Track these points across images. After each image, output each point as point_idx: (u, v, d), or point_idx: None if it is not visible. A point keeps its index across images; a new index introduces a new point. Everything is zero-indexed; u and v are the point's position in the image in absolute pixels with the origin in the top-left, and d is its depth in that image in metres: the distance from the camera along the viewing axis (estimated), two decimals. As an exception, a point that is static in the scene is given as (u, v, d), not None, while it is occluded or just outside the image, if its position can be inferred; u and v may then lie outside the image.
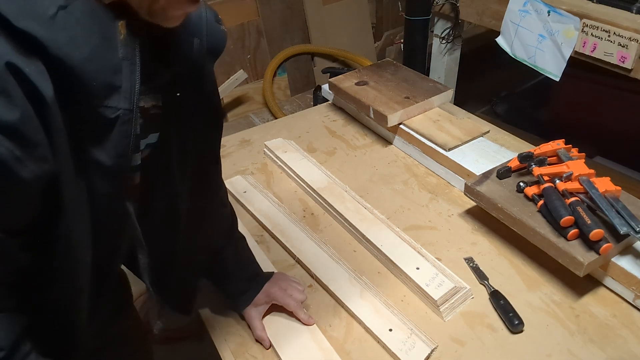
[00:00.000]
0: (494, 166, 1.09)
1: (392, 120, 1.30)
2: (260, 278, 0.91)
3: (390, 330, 0.85)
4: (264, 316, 0.90)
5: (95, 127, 0.54)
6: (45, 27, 0.47)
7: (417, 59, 2.08)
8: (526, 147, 1.24)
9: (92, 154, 0.55)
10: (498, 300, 0.90)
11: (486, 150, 1.22)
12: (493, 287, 0.93)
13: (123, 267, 0.87)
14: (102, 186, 0.58)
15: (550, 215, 0.92)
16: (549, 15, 1.45)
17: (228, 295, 0.92)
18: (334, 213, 1.12)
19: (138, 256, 0.72)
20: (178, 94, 0.65)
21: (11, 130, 0.45)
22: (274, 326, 0.88)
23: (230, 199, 1.19)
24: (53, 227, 0.56)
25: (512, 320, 0.86)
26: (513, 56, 1.62)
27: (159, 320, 0.85)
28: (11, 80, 0.45)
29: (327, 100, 1.59)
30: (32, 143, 0.47)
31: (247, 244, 0.94)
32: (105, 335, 0.82)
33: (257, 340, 0.88)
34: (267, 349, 0.87)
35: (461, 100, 2.12)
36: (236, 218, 0.94)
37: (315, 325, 0.88)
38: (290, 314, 0.90)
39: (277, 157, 1.30)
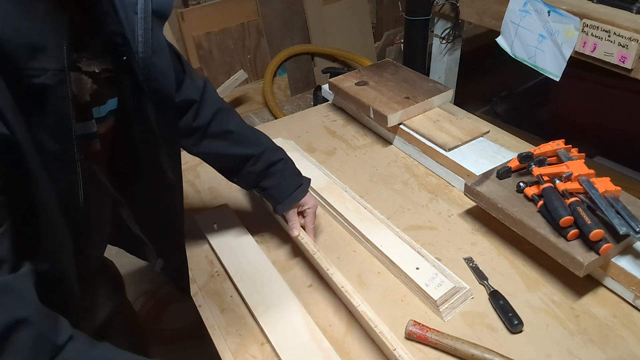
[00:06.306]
0: (494, 166, 1.09)
1: (392, 121, 1.30)
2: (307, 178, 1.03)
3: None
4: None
5: (29, 93, 0.51)
6: None
7: (417, 59, 2.08)
8: (526, 147, 1.24)
9: (34, 120, 0.52)
10: (498, 300, 0.90)
11: (486, 150, 1.22)
12: (493, 287, 0.93)
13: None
14: (52, 148, 0.55)
15: (550, 215, 0.92)
16: (549, 15, 1.45)
17: (279, 193, 0.98)
18: (334, 213, 1.12)
19: (119, 210, 0.75)
20: (125, 58, 0.64)
21: None
22: (274, 326, 0.88)
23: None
24: (24, 190, 0.54)
25: (511, 321, 0.86)
26: (513, 56, 1.62)
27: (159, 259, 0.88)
28: None
29: (327, 100, 1.59)
30: None
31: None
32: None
33: (290, 231, 1.00)
34: (295, 236, 0.99)
35: (461, 100, 2.12)
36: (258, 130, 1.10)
37: (315, 325, 0.88)
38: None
39: (277, 157, 1.30)
